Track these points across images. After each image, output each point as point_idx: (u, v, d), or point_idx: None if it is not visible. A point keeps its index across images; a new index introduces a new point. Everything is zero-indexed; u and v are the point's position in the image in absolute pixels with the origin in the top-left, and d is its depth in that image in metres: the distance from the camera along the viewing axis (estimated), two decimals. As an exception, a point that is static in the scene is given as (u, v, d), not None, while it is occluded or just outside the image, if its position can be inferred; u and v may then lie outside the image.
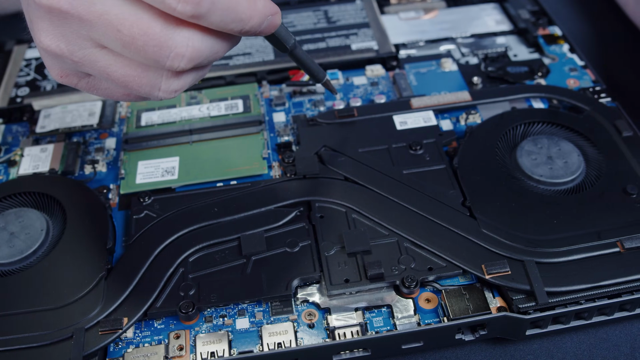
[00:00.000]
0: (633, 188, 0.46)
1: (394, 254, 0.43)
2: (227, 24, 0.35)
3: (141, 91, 0.37)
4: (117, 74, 0.36)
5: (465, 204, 0.46)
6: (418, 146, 0.50)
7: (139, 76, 0.36)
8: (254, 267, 0.43)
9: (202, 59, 0.36)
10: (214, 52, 0.36)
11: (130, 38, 0.34)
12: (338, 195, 0.47)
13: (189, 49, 0.35)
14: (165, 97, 0.38)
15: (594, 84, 0.55)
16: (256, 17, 0.36)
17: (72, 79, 0.39)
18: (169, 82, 0.37)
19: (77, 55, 0.36)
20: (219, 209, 0.46)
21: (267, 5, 0.37)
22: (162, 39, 0.34)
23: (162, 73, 0.36)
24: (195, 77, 0.38)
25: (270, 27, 0.38)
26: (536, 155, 0.49)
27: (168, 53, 0.34)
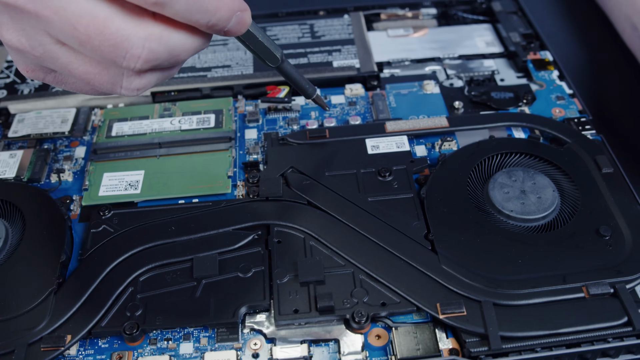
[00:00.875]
0: (606, 230, 0.44)
1: (347, 286, 0.42)
2: (192, 14, 0.34)
3: (103, 88, 0.37)
4: (78, 71, 0.36)
5: (428, 237, 0.44)
6: (387, 172, 0.48)
7: (99, 74, 0.36)
8: (203, 290, 0.42)
9: (160, 61, 0.35)
10: (174, 53, 0.36)
11: (86, 37, 0.33)
12: (298, 220, 0.45)
13: (144, 50, 0.34)
14: (128, 94, 0.38)
15: (580, 115, 0.53)
16: (223, 10, 0.35)
17: (39, 74, 0.39)
18: (130, 80, 0.36)
19: (37, 50, 0.35)
20: (177, 228, 0.46)
21: (235, 0, 0.37)
22: (118, 39, 0.33)
23: (122, 71, 0.36)
24: (160, 77, 0.38)
25: (240, 24, 0.37)
26: (509, 188, 0.47)
27: (124, 54, 0.34)
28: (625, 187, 0.47)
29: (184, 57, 0.37)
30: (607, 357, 0.41)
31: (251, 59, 0.58)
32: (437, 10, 0.66)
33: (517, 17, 0.63)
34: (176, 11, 0.34)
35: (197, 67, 0.57)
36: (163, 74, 0.38)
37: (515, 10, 0.64)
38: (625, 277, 0.42)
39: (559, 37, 0.66)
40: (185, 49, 0.36)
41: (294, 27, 0.62)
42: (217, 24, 0.36)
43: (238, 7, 0.37)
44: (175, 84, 0.56)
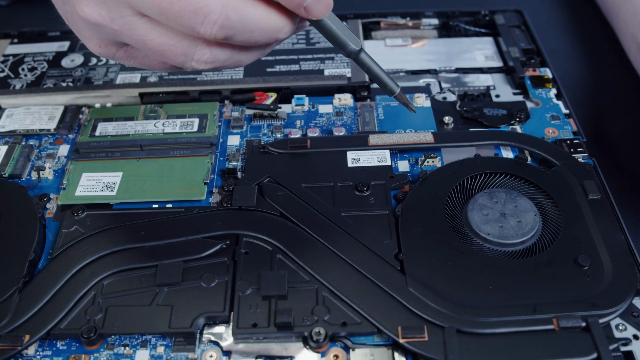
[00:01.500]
0: (585, 259, 0.43)
1: (309, 303, 0.41)
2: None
3: (176, 60, 0.39)
4: (154, 43, 0.38)
5: (398, 257, 0.43)
6: (365, 187, 0.47)
7: (174, 45, 0.38)
8: (165, 298, 0.42)
9: (235, 31, 0.37)
10: (248, 27, 0.37)
11: (168, 3, 0.35)
12: (268, 232, 0.45)
13: (221, 16, 0.36)
14: (197, 67, 0.39)
15: (574, 136, 0.52)
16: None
17: (111, 49, 0.41)
18: (202, 52, 0.38)
19: (117, 22, 0.38)
20: (146, 233, 0.45)
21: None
22: (199, 4, 0.35)
23: (196, 43, 0.38)
24: (230, 55, 0.40)
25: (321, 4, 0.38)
26: (489, 210, 0.45)
27: (202, 18, 0.36)
28: (611, 215, 0.45)
29: (257, 36, 0.38)
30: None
31: (243, 63, 0.57)
32: (439, 21, 0.64)
33: (520, 32, 0.61)
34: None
35: (187, 69, 0.57)
36: (233, 54, 0.40)
37: (519, 24, 0.62)
38: (600, 311, 0.40)
39: (564, 53, 0.64)
40: (259, 26, 0.38)
41: (289, 32, 0.61)
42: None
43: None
44: (163, 85, 0.55)
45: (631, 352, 0.39)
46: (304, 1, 0.37)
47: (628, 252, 0.43)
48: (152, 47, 0.38)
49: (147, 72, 0.57)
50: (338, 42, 0.42)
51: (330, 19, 0.41)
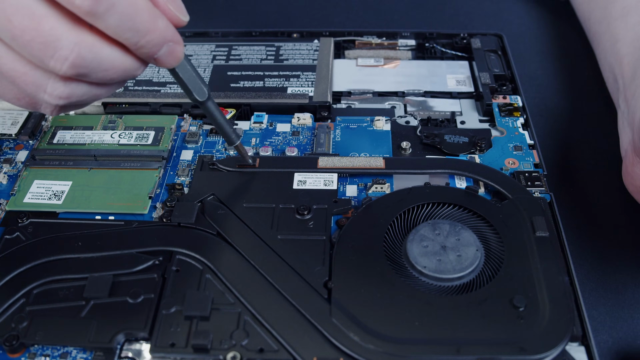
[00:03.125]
0: (521, 300, 0.41)
1: (230, 326, 0.41)
2: (123, 31, 0.35)
3: (27, 90, 0.37)
4: (6, 67, 0.36)
5: (327, 285, 0.42)
6: (306, 211, 0.46)
7: (26, 73, 0.36)
8: (90, 311, 0.42)
9: (88, 70, 0.36)
10: (102, 66, 0.36)
11: (19, 30, 0.34)
12: (201, 250, 0.44)
13: (73, 53, 0.35)
14: (50, 101, 0.38)
15: (534, 169, 0.50)
16: (155, 34, 0.36)
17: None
18: (55, 86, 0.37)
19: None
20: (83, 244, 0.45)
21: (170, 30, 0.38)
22: (50, 37, 0.34)
23: (49, 75, 0.37)
24: (86, 91, 0.38)
25: (171, 57, 0.38)
26: (430, 242, 0.44)
27: (52, 53, 0.34)
28: (557, 255, 0.44)
29: (113, 74, 0.37)
30: None
31: (208, 77, 0.57)
32: (416, 42, 0.63)
33: (496, 57, 0.59)
34: (108, 25, 0.35)
35: (153, 81, 0.57)
36: (90, 90, 0.38)
37: (496, 49, 0.60)
38: (528, 356, 0.38)
39: (542, 80, 0.62)
40: (114, 66, 0.37)
41: (260, 48, 0.61)
42: (146, 46, 0.37)
43: (171, 37, 0.38)
44: (127, 96, 0.56)
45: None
46: (155, 54, 0.38)
47: (569, 295, 0.42)
48: (4, 72, 0.37)
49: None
50: (185, 89, 0.43)
51: (181, 68, 0.42)
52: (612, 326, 0.45)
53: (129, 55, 0.37)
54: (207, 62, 0.60)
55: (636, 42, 0.53)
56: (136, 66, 0.38)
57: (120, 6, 0.34)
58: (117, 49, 0.36)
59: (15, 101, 0.40)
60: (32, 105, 0.40)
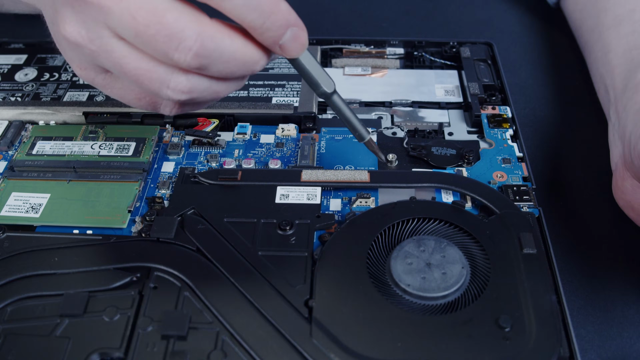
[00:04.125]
0: (506, 321, 0.40)
1: (207, 346, 0.40)
2: (249, 11, 0.36)
3: (151, 86, 0.38)
4: (130, 67, 0.38)
5: (308, 304, 0.41)
6: (288, 226, 0.45)
7: (149, 70, 0.38)
8: (65, 329, 0.41)
9: (210, 60, 0.37)
10: (223, 57, 0.37)
11: (143, 26, 0.35)
12: (180, 267, 0.43)
13: (196, 43, 0.36)
14: (172, 96, 0.39)
15: (523, 182, 0.49)
16: (278, 15, 0.37)
17: (90, 73, 0.41)
18: (179, 80, 0.38)
19: (95, 43, 0.38)
20: (60, 260, 0.44)
21: (292, 13, 0.38)
22: (173, 29, 0.35)
23: (172, 70, 0.38)
24: (207, 85, 0.39)
25: (296, 43, 0.38)
26: (414, 259, 0.43)
27: (177, 44, 0.36)
28: (545, 272, 0.43)
29: (233, 66, 0.38)
30: None
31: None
32: (405, 50, 0.62)
33: (486, 66, 0.58)
34: (234, 5, 0.36)
35: (136, 90, 0.56)
36: (211, 85, 0.39)
37: (486, 58, 0.59)
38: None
39: (533, 89, 0.61)
40: (235, 57, 0.37)
41: (244, 56, 0.59)
42: (271, 28, 0.37)
43: (295, 21, 0.38)
44: (108, 105, 0.55)
45: None
46: (279, 39, 0.38)
47: (556, 314, 0.41)
48: (127, 72, 0.38)
49: (95, 91, 0.56)
50: (311, 81, 0.43)
51: (305, 58, 0.41)
52: (600, 345, 0.44)
53: (251, 45, 0.38)
54: (191, 70, 0.58)
55: (628, 52, 0.52)
56: (257, 57, 0.38)
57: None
58: (238, 39, 0.37)
59: (135, 102, 0.42)
60: (152, 104, 0.42)
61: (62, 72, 0.59)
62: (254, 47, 0.38)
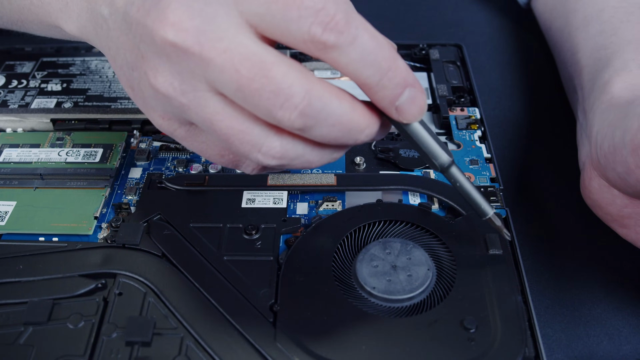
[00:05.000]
0: (471, 322, 0.40)
1: (171, 351, 0.39)
2: (365, 66, 0.34)
3: (241, 149, 0.36)
4: (222, 125, 0.35)
5: (273, 308, 0.41)
6: (254, 230, 0.45)
7: (243, 131, 0.35)
8: (29, 337, 0.41)
9: (314, 122, 0.34)
10: (329, 119, 0.34)
11: (247, 80, 0.33)
12: (145, 273, 0.43)
13: (304, 101, 0.33)
14: (263, 161, 0.36)
15: (491, 183, 0.49)
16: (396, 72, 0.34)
17: (173, 124, 0.39)
18: (272, 144, 0.35)
19: (187, 96, 0.35)
20: (24, 267, 0.44)
21: (410, 72, 0.35)
22: (281, 85, 0.33)
23: (268, 133, 0.35)
24: (301, 153, 0.36)
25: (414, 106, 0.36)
26: (380, 262, 0.43)
27: (282, 101, 0.33)
28: (511, 273, 0.43)
29: (337, 131, 0.35)
30: None
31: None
32: (375, 53, 0.62)
33: (455, 68, 0.58)
34: (350, 58, 0.33)
35: (104, 96, 0.56)
36: (305, 151, 0.37)
37: (455, 60, 0.59)
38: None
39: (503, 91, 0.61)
40: (341, 121, 0.35)
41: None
42: (388, 86, 0.34)
43: (412, 81, 0.35)
44: (76, 112, 0.54)
45: None
46: (396, 99, 0.35)
47: (522, 315, 0.41)
48: (218, 130, 0.35)
49: (62, 98, 0.56)
50: (426, 151, 0.38)
51: (422, 124, 0.38)
52: (567, 344, 0.44)
53: (361, 109, 0.35)
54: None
55: (595, 52, 0.53)
56: (364, 123, 0.36)
57: (362, 39, 0.33)
58: (347, 101, 0.35)
59: (217, 158, 0.39)
60: (234, 163, 0.39)
61: (30, 79, 0.58)
62: (363, 112, 0.35)
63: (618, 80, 0.48)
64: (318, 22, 0.32)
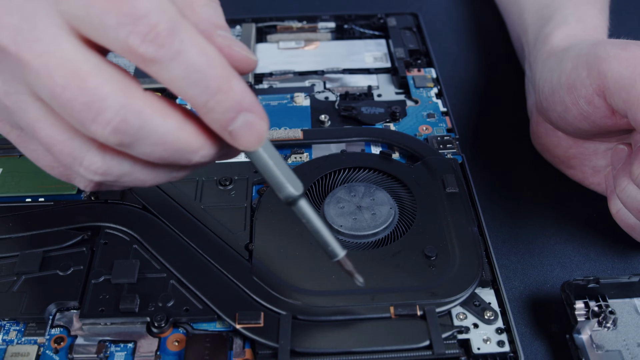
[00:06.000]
0: (432, 250, 0.44)
1: (157, 290, 0.43)
2: (189, 85, 0.30)
3: (63, 160, 0.34)
4: (43, 133, 0.33)
5: (248, 247, 0.45)
6: (227, 182, 0.49)
7: (63, 142, 0.33)
8: (22, 285, 0.43)
9: (131, 139, 0.31)
10: (150, 138, 0.31)
11: (60, 88, 0.30)
12: (127, 223, 0.46)
13: (117, 117, 0.30)
14: (86, 176, 0.34)
15: (447, 133, 0.53)
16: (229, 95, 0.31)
17: (5, 126, 0.36)
18: (93, 159, 0.33)
19: (10, 99, 0.33)
20: (13, 225, 0.47)
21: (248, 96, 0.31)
22: (93, 97, 0.30)
23: (89, 147, 0.33)
24: (128, 171, 0.34)
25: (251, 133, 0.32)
26: (345, 203, 0.47)
27: (94, 115, 0.30)
28: (467, 208, 0.47)
29: (162, 151, 0.32)
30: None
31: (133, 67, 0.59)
32: (336, 24, 0.66)
33: (411, 34, 0.62)
34: (172, 76, 0.30)
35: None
36: (133, 170, 0.34)
37: (411, 26, 0.63)
38: (438, 300, 0.41)
39: (457, 54, 0.65)
40: (165, 141, 0.32)
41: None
42: (216, 109, 0.31)
43: (249, 106, 0.31)
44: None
45: (469, 339, 0.40)
46: (228, 124, 0.31)
47: (478, 243, 0.44)
48: (40, 138, 0.33)
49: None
50: (272, 181, 0.35)
51: (267, 151, 0.34)
52: (523, 273, 0.47)
53: (191, 129, 0.32)
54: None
55: (539, 11, 0.57)
56: (195, 144, 0.32)
57: (187, 54, 0.29)
58: (172, 120, 0.31)
59: (49, 169, 0.36)
60: (66, 176, 0.36)
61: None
62: (194, 132, 0.32)
63: (558, 32, 0.52)
64: (137, 31, 0.29)
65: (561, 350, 0.43)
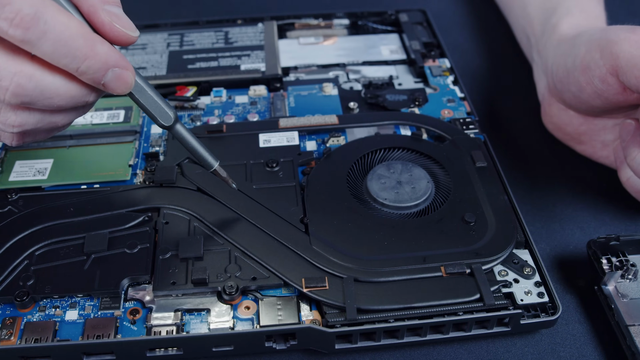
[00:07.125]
0: (471, 216, 0.48)
1: (223, 262, 0.46)
2: (59, 57, 0.36)
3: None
4: None
5: (303, 221, 0.48)
6: (274, 163, 0.52)
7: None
8: (92, 264, 0.46)
9: (31, 99, 0.37)
10: (45, 94, 0.37)
11: None
12: (186, 204, 0.49)
13: (12, 84, 0.36)
14: (6, 130, 0.39)
15: (467, 116, 0.57)
16: (94, 59, 0.37)
17: None
18: (7, 115, 0.39)
19: None
20: (75, 210, 0.49)
21: (113, 55, 0.38)
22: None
23: (2, 108, 0.38)
24: (38, 118, 0.39)
25: (119, 82, 0.39)
26: (386, 179, 0.51)
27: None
28: (496, 179, 0.51)
29: (59, 101, 0.38)
30: (462, 331, 0.44)
31: (166, 62, 0.62)
32: (349, 21, 0.70)
33: (422, 28, 0.67)
34: (43, 52, 0.36)
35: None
36: (44, 117, 0.40)
37: (421, 22, 0.68)
38: (482, 259, 0.45)
39: (464, 47, 0.71)
40: (58, 94, 0.38)
41: (210, 33, 0.66)
42: (87, 72, 0.37)
43: (115, 62, 0.38)
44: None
45: (512, 292, 0.45)
46: (100, 80, 0.38)
47: (510, 210, 0.49)
48: None
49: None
50: (149, 115, 0.44)
51: (138, 93, 0.42)
52: (548, 236, 0.52)
53: (74, 83, 0.38)
54: (163, 48, 0.65)
55: (542, 4, 0.62)
56: (83, 93, 0.39)
57: (52, 33, 0.35)
58: (60, 76, 0.38)
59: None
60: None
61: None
62: (78, 84, 0.38)
63: (564, 22, 0.57)
64: (3, 17, 0.34)
65: (589, 301, 0.47)
